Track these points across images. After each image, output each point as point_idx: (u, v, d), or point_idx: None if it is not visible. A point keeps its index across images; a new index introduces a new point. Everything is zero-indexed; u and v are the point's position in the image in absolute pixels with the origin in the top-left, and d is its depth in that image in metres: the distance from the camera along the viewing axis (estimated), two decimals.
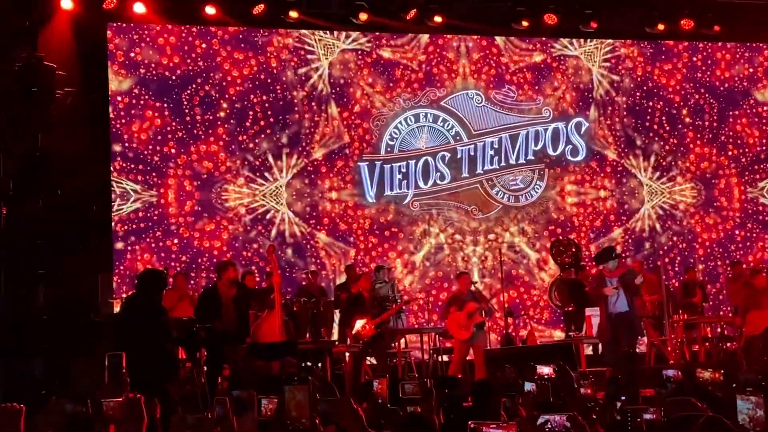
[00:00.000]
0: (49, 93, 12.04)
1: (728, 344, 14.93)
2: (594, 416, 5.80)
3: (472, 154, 16.49)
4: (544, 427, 4.15)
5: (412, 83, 16.41)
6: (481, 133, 16.57)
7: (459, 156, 16.40)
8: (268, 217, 15.50)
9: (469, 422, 4.29)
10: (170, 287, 12.50)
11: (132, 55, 15.05)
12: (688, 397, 5.41)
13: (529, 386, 6.90)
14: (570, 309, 14.34)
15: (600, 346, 13.44)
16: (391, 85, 16.32)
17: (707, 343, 15.00)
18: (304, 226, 15.65)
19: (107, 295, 13.38)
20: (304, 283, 14.81)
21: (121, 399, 4.07)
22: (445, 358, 14.12)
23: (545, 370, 7.37)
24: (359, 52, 16.23)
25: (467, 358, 13.18)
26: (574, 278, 14.85)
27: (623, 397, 6.50)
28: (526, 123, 16.78)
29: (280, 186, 15.57)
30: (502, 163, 16.59)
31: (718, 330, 15.13)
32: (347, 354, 13.17)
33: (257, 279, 14.42)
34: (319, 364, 12.57)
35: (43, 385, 10.39)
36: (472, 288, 13.57)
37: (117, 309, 12.56)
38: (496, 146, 16.57)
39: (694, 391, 6.53)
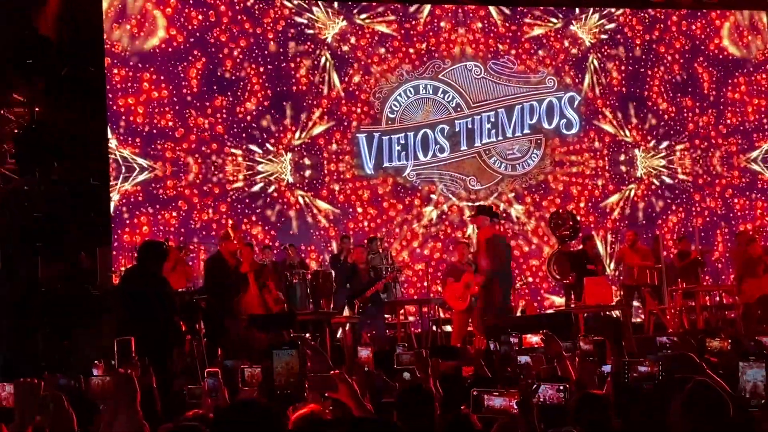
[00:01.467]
0: (45, 65, 11.99)
1: (727, 312, 14.98)
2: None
3: (470, 127, 16.48)
4: (539, 394, 4.15)
5: (411, 56, 16.35)
6: (480, 106, 16.54)
7: (457, 129, 16.39)
8: (269, 190, 15.48)
9: (472, 390, 4.27)
10: None
11: (128, 27, 14.97)
12: (688, 354, 5.40)
13: (523, 359, 6.89)
14: (568, 281, 14.35)
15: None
16: (389, 57, 16.26)
17: (706, 312, 15.06)
18: (308, 197, 15.64)
19: (106, 268, 13.39)
20: (274, 258, 14.79)
21: (109, 377, 4.05)
22: (448, 328, 14.14)
23: (534, 339, 7.37)
24: (358, 24, 16.15)
25: (468, 329, 13.18)
26: (573, 250, 14.88)
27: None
28: (523, 96, 16.75)
29: (279, 158, 15.54)
30: (500, 137, 16.59)
31: (717, 299, 15.18)
32: (347, 325, 13.21)
33: (256, 251, 14.45)
34: (318, 336, 12.64)
35: (42, 360, 10.41)
36: (470, 257, 13.58)
37: (116, 282, 12.61)
38: (493, 120, 16.56)
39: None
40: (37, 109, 11.62)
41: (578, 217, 16.01)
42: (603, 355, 6.93)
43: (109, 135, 14.60)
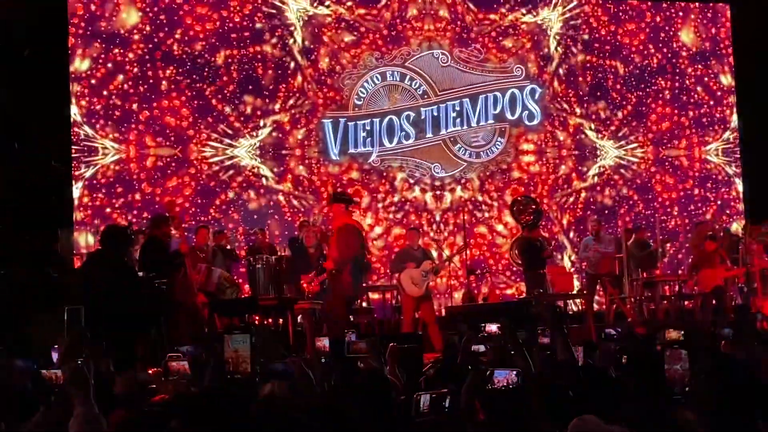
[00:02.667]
0: (7, 46, 11.86)
1: (686, 302, 15.17)
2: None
3: (435, 114, 16.52)
4: (494, 379, 4.19)
5: (377, 41, 16.34)
6: (446, 95, 16.58)
7: (423, 117, 16.43)
8: (231, 173, 15.42)
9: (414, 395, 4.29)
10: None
11: (92, 8, 14.83)
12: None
13: (483, 347, 6.94)
14: (522, 268, 14.42)
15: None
16: (358, 43, 16.24)
17: (665, 302, 15.26)
18: (270, 181, 15.61)
19: (68, 251, 13.30)
20: (252, 241, 14.81)
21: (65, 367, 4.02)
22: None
23: (492, 327, 7.44)
24: (326, 8, 16.10)
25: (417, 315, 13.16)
26: (528, 237, 14.90)
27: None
28: (487, 85, 16.80)
29: (244, 142, 15.49)
30: (465, 126, 16.64)
31: (676, 288, 15.37)
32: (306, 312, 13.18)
33: (228, 237, 14.48)
34: (281, 321, 12.64)
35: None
36: (420, 243, 13.67)
37: (77, 265, 12.53)
38: (458, 109, 16.62)
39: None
40: None
41: (539, 202, 16.07)
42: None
43: (72, 116, 14.48)
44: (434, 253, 14.69)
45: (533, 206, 15.23)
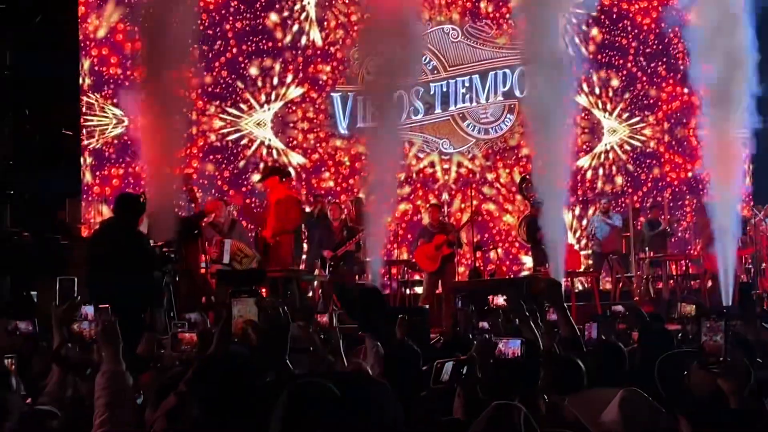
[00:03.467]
0: (18, 13, 11.81)
1: (693, 282, 15.16)
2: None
3: (444, 90, 16.46)
4: (499, 348, 4.18)
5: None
6: (455, 71, 16.51)
7: (432, 93, 16.37)
8: (242, 143, 15.41)
9: (436, 362, 4.28)
10: None
11: None
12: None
13: (486, 324, 6.94)
14: (530, 245, 14.40)
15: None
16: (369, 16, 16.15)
17: (671, 281, 15.24)
18: (282, 151, 15.57)
19: (75, 219, 13.29)
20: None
21: (96, 321, 4.01)
22: (418, 290, 14.18)
23: (499, 300, 7.46)
24: None
25: (437, 292, 13.25)
26: (533, 215, 14.83)
27: None
28: (497, 61, 16.71)
29: (253, 113, 15.45)
30: (474, 103, 16.58)
31: (683, 268, 15.36)
32: (315, 283, 13.23)
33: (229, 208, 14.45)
34: (288, 293, 12.64)
35: (8, 307, 10.33)
36: (441, 219, 13.63)
37: (84, 233, 12.53)
38: (467, 85, 16.55)
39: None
40: (9, 54, 11.45)
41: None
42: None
43: (81, 85, 14.43)
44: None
45: None
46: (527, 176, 15.90)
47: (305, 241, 14.01)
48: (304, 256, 13.99)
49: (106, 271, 7.87)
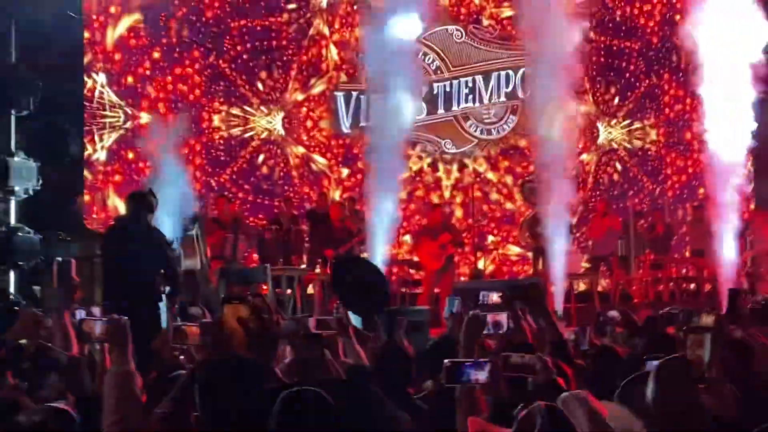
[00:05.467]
0: (23, 8, 11.80)
1: (692, 285, 15.21)
2: None
3: (447, 90, 16.51)
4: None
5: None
6: (458, 72, 16.56)
7: (435, 92, 16.40)
8: (243, 143, 15.48)
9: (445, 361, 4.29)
10: None
11: None
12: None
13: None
14: (539, 245, 14.45)
15: None
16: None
17: (671, 283, 15.27)
18: (292, 148, 15.63)
19: (78, 215, 13.36)
20: (276, 211, 14.87)
21: (105, 320, 4.05)
22: (418, 290, 14.24)
23: (494, 296, 7.45)
24: None
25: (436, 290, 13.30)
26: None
27: None
28: (501, 62, 16.75)
29: (257, 112, 15.51)
30: (477, 103, 16.63)
31: (684, 270, 15.40)
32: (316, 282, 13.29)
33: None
34: (289, 291, 12.73)
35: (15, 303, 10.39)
36: (444, 220, 13.71)
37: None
38: (470, 85, 16.60)
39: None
40: (14, 50, 11.46)
41: None
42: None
43: (85, 81, 14.48)
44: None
45: None
46: (528, 178, 15.98)
47: (307, 238, 14.09)
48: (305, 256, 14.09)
49: (122, 269, 7.88)
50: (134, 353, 3.68)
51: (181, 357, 4.85)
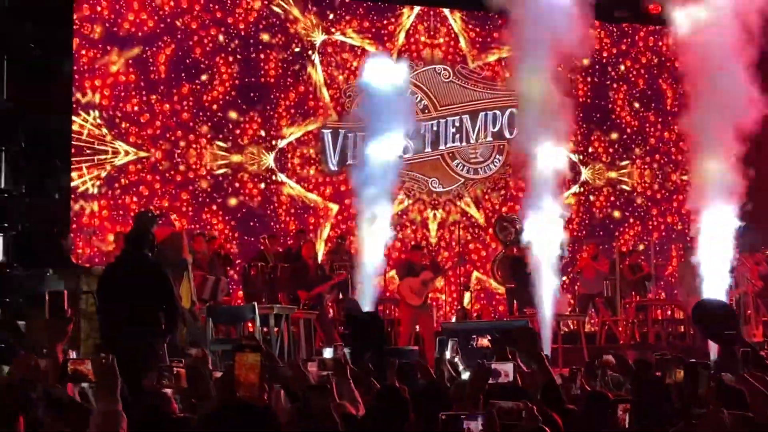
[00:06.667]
0: (12, 44, 11.79)
1: (678, 327, 15.24)
2: None
3: (435, 129, 16.60)
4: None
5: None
6: (446, 111, 16.65)
7: (422, 132, 16.47)
8: (230, 179, 15.46)
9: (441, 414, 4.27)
10: None
11: (98, 9, 14.82)
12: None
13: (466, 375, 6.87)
14: (512, 286, 14.44)
15: None
16: (360, 54, 16.27)
17: (656, 325, 15.29)
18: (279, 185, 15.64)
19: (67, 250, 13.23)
20: (261, 247, 14.81)
21: (90, 359, 4.00)
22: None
23: (483, 341, 7.43)
24: (330, 20, 16.15)
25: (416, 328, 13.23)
26: (516, 255, 14.85)
27: None
28: (487, 102, 16.86)
29: (245, 148, 15.52)
30: (464, 143, 16.72)
31: (669, 312, 15.44)
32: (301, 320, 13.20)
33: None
34: (276, 329, 12.62)
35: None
36: (424, 262, 13.75)
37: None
38: (457, 125, 16.70)
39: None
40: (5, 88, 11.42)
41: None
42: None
43: (73, 117, 14.44)
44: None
45: (516, 225, 15.04)
46: (503, 216, 15.95)
47: (280, 276, 13.89)
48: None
49: (124, 305, 7.75)
50: (130, 390, 3.64)
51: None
